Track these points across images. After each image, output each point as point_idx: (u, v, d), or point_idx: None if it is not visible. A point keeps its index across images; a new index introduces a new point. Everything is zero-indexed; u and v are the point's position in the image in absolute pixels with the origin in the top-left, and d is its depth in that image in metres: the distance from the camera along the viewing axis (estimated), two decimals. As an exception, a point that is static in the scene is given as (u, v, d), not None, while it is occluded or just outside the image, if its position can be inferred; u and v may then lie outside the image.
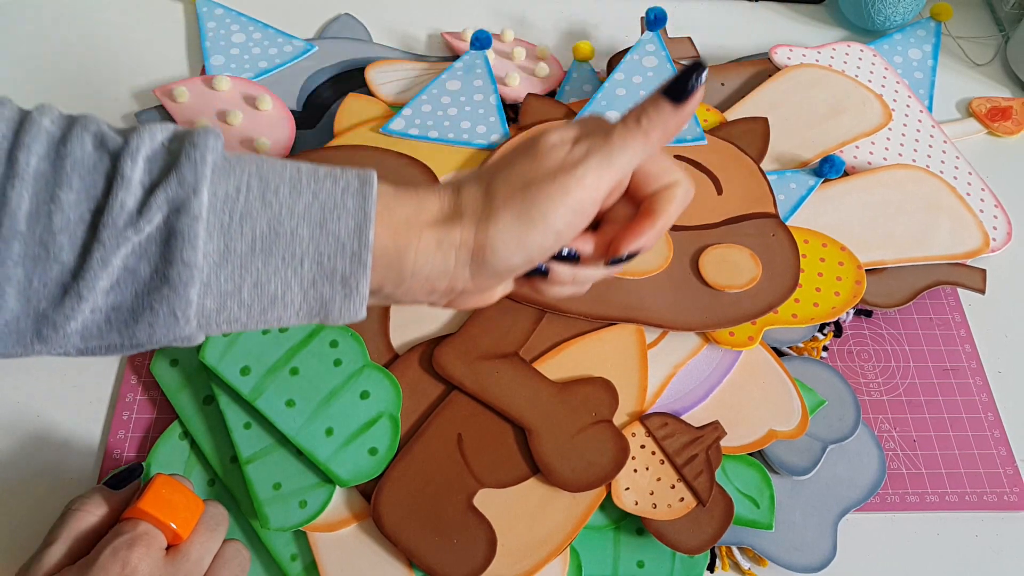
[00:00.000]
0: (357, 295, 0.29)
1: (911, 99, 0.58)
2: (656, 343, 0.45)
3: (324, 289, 0.29)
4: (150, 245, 0.27)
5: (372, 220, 0.29)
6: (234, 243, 0.28)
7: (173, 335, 0.28)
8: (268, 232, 0.28)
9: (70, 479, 0.43)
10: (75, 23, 0.63)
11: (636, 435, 0.42)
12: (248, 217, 0.28)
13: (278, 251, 0.28)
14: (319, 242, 0.28)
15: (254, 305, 0.29)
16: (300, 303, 0.29)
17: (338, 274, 0.29)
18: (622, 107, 0.54)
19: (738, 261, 0.47)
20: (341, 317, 0.30)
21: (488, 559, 0.39)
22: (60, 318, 0.27)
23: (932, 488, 0.43)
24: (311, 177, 0.29)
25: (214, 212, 0.28)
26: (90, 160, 0.28)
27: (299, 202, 0.29)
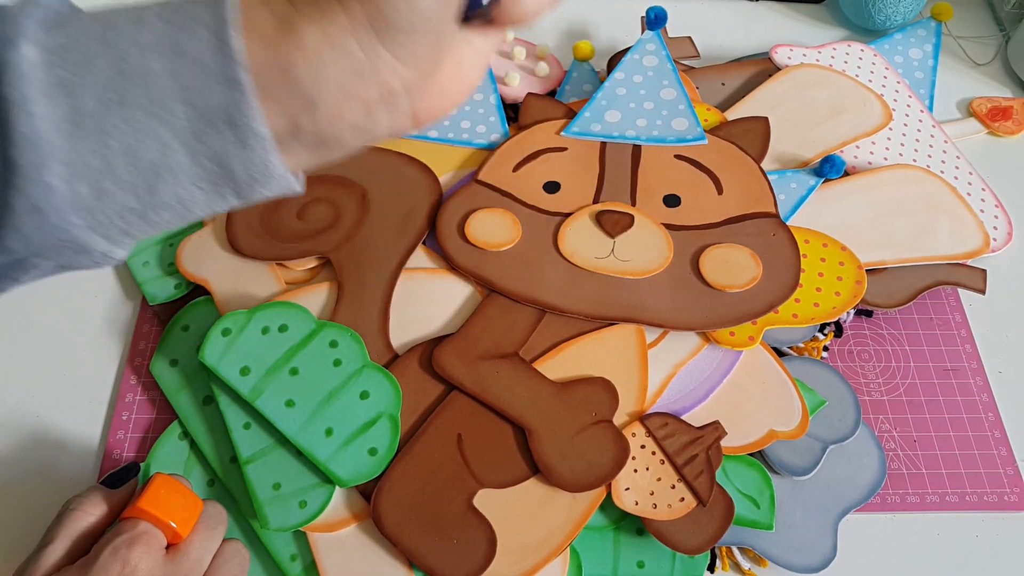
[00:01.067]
0: (252, 136, 0.23)
1: (911, 99, 0.57)
2: (656, 343, 0.45)
3: (211, 138, 0.23)
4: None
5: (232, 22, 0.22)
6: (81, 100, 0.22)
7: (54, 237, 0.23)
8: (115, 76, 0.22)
9: (70, 479, 0.43)
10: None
11: (636, 435, 0.42)
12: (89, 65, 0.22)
13: (135, 99, 0.22)
14: (178, 73, 0.22)
15: (137, 181, 0.23)
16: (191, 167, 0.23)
17: (218, 111, 0.23)
18: (623, 107, 0.54)
19: (738, 261, 0.47)
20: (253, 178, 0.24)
21: (488, 559, 0.39)
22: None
23: (932, 488, 0.43)
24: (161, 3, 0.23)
25: (48, 68, 0.22)
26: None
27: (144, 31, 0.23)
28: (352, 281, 0.47)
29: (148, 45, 0.23)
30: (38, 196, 0.22)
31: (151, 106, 0.23)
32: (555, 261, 0.47)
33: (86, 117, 0.22)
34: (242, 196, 0.25)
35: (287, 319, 0.44)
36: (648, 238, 0.48)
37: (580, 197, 0.50)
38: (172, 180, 0.23)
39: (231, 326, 0.43)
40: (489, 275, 0.47)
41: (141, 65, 0.22)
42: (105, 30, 0.23)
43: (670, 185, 0.50)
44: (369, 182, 0.51)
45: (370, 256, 0.48)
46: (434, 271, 0.48)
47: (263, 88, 0.23)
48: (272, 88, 0.23)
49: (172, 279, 0.48)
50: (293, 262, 0.48)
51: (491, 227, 0.48)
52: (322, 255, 0.48)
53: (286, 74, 0.23)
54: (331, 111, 0.24)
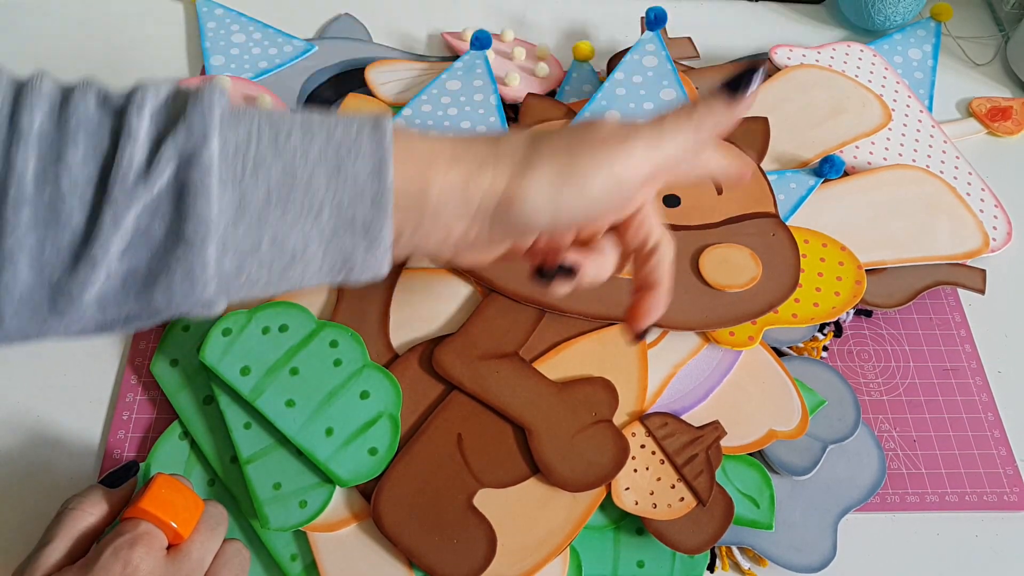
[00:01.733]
0: (380, 244, 0.28)
1: (911, 99, 0.58)
2: (656, 343, 0.45)
3: (345, 240, 0.27)
4: (162, 201, 0.26)
5: (390, 160, 0.27)
6: (249, 194, 0.26)
7: (192, 299, 0.27)
8: (283, 180, 0.26)
9: (70, 479, 0.43)
10: (75, 23, 0.63)
11: (636, 435, 0.42)
12: (262, 165, 0.26)
13: (295, 200, 0.27)
14: (337, 187, 0.27)
15: (274, 263, 0.27)
16: (321, 258, 0.28)
17: (359, 221, 0.27)
18: (622, 107, 0.54)
19: (738, 261, 0.47)
20: (364, 271, 0.28)
21: (488, 559, 0.39)
22: (75, 287, 0.26)
23: (932, 488, 0.43)
24: (323, 121, 0.28)
25: (226, 162, 0.26)
26: (95, 118, 0.26)
27: (312, 146, 0.27)
28: (352, 281, 0.47)
29: (314, 158, 0.27)
30: (194, 265, 0.26)
31: (308, 209, 0.27)
32: (555, 261, 0.47)
33: (250, 208, 0.26)
34: (347, 281, 0.29)
35: (287, 319, 0.44)
36: (648, 238, 0.48)
37: (580, 197, 0.50)
38: (302, 266, 0.28)
39: (231, 326, 0.43)
40: (489, 275, 0.47)
41: (306, 174, 0.27)
42: (277, 134, 0.27)
43: (669, 185, 0.50)
44: (369, 182, 0.51)
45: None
46: (434, 271, 0.48)
47: (397, 204, 0.28)
48: (403, 206, 0.28)
49: (172, 279, 0.48)
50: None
51: (491, 227, 0.48)
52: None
53: (420, 198, 0.28)
54: (428, 232, 0.29)
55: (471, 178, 0.29)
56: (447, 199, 0.28)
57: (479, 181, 0.29)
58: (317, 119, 0.28)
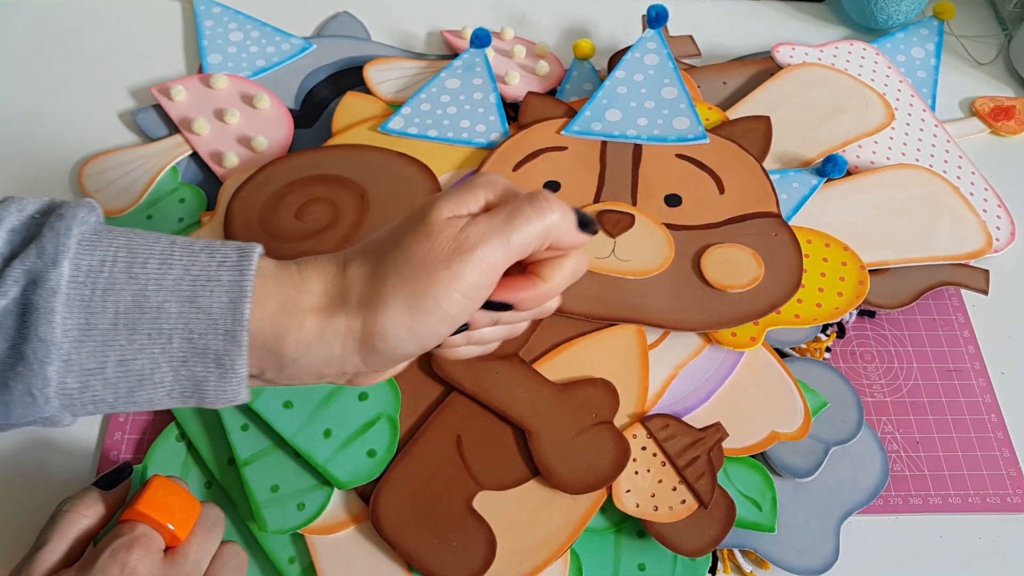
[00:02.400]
0: (233, 375, 0.28)
1: (914, 98, 0.57)
2: (657, 344, 0.45)
3: (196, 368, 0.27)
4: (6, 319, 0.26)
5: (249, 296, 0.27)
6: (96, 318, 0.26)
7: (32, 415, 0.27)
8: (132, 307, 0.27)
9: (66, 481, 0.42)
10: (73, 22, 0.63)
11: (637, 437, 0.42)
12: (111, 291, 0.27)
13: (143, 327, 0.27)
14: (188, 318, 0.27)
15: (120, 384, 0.27)
16: (171, 383, 0.28)
17: (211, 352, 0.27)
18: (623, 106, 0.53)
19: (740, 261, 0.46)
20: (218, 399, 0.28)
21: (488, 562, 0.38)
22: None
23: (935, 490, 0.43)
24: (185, 250, 0.28)
25: (75, 285, 0.26)
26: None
27: (168, 276, 0.27)
28: (351, 281, 0.47)
29: (168, 288, 0.27)
30: (35, 385, 0.26)
31: (155, 334, 0.27)
32: (555, 261, 0.47)
33: (96, 331, 0.26)
34: (203, 406, 0.29)
35: (285, 319, 0.44)
36: (649, 238, 0.47)
37: (580, 196, 0.49)
38: (151, 388, 0.28)
39: (229, 326, 0.43)
40: (489, 275, 0.46)
41: (158, 303, 0.27)
42: (132, 263, 0.27)
43: (671, 185, 0.50)
44: (368, 182, 0.50)
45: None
46: (433, 271, 0.48)
47: (253, 347, 0.28)
48: (259, 350, 0.28)
49: (169, 279, 0.48)
50: (291, 262, 0.48)
51: (491, 227, 0.48)
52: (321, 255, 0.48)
53: (277, 346, 0.28)
54: (296, 374, 0.29)
55: (326, 326, 0.28)
56: (305, 350, 0.28)
57: (335, 327, 0.29)
58: (181, 246, 0.28)
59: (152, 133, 0.56)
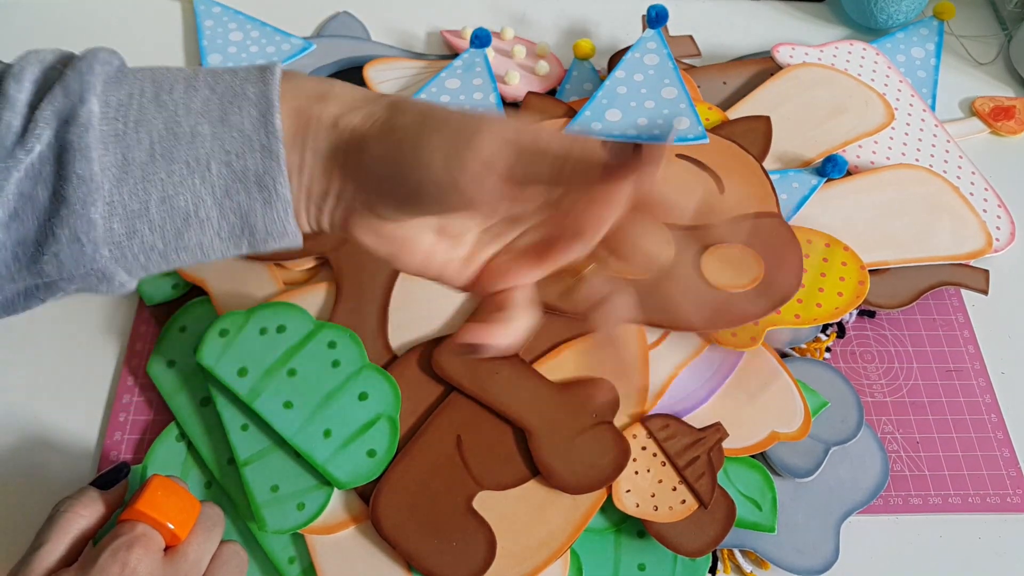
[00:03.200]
0: (278, 199, 0.27)
1: (914, 98, 0.57)
2: (657, 344, 0.45)
3: (240, 197, 0.26)
4: (43, 164, 0.25)
5: (276, 105, 0.26)
6: (132, 152, 0.26)
7: (84, 266, 0.26)
8: (166, 134, 0.26)
9: (66, 481, 0.42)
10: (73, 22, 0.63)
11: (637, 437, 0.42)
12: (143, 122, 0.26)
13: (180, 155, 0.26)
14: (223, 139, 0.26)
15: (166, 226, 0.26)
16: (218, 219, 0.27)
17: (251, 174, 0.26)
18: (623, 105, 0.53)
19: (740, 261, 0.46)
20: (269, 233, 0.27)
21: (488, 562, 0.38)
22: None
23: (935, 490, 0.43)
24: (208, 74, 0.27)
25: (107, 121, 0.26)
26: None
27: (195, 98, 0.26)
28: (350, 281, 0.47)
29: (198, 110, 0.26)
30: (80, 228, 0.25)
31: (193, 163, 0.26)
32: (555, 261, 0.47)
33: (134, 166, 0.26)
34: (255, 247, 0.28)
35: (285, 320, 0.44)
36: (649, 238, 0.47)
37: (580, 197, 0.49)
38: (199, 228, 0.27)
39: (229, 327, 0.43)
40: (489, 275, 0.46)
41: (189, 127, 0.26)
42: (159, 91, 0.26)
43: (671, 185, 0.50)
44: (368, 181, 0.50)
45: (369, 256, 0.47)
46: (433, 271, 0.48)
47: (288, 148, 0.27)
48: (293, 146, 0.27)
49: (169, 280, 0.48)
50: (291, 262, 0.48)
51: (491, 227, 0.48)
52: (320, 255, 0.48)
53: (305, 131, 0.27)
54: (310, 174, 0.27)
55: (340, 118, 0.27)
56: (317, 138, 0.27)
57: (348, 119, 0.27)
58: (205, 71, 0.27)
59: (152, 133, 0.56)
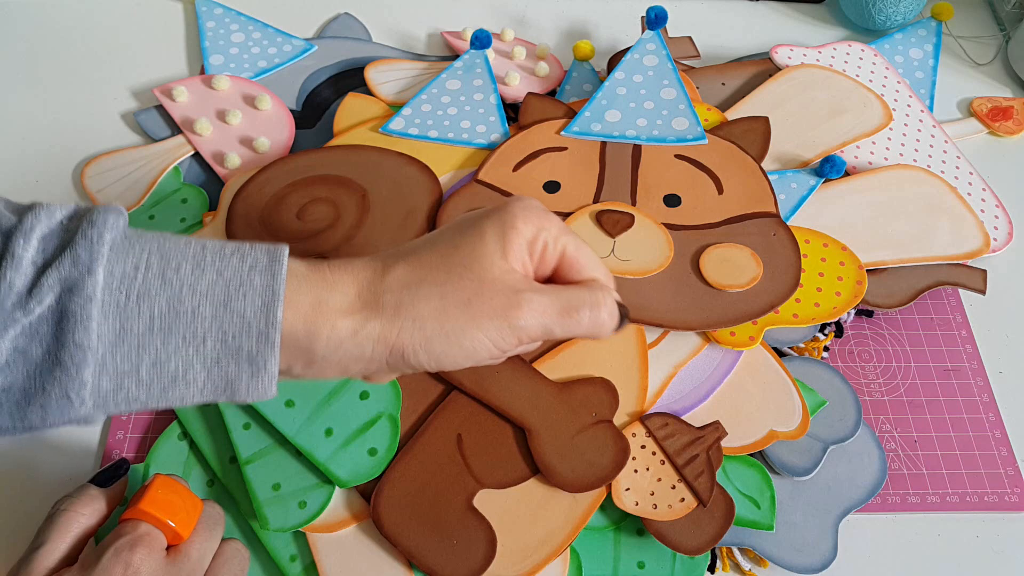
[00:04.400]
0: (265, 374, 0.28)
1: (912, 99, 0.57)
2: (657, 343, 0.45)
3: (230, 368, 0.28)
4: (41, 326, 0.26)
5: (281, 298, 0.28)
6: (131, 323, 0.27)
7: (68, 416, 0.27)
8: (168, 311, 0.27)
9: (68, 479, 0.42)
10: (75, 22, 0.63)
11: (636, 435, 0.42)
12: (146, 296, 0.27)
13: (178, 330, 0.27)
14: (223, 320, 0.27)
15: (153, 384, 0.28)
16: (204, 381, 0.28)
17: (244, 352, 0.28)
18: (623, 106, 0.54)
19: (739, 261, 0.46)
20: (249, 395, 0.29)
21: (488, 560, 0.38)
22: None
23: (933, 489, 0.43)
24: (216, 254, 0.28)
25: (110, 292, 0.27)
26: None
27: (202, 280, 0.28)
28: (352, 281, 0.47)
29: (202, 292, 0.27)
30: (70, 387, 0.26)
31: (190, 337, 0.27)
32: (555, 261, 0.47)
33: (130, 335, 0.27)
34: (233, 401, 0.30)
35: (287, 319, 0.44)
36: (648, 238, 0.47)
37: (580, 197, 0.50)
38: (184, 388, 0.28)
39: (231, 326, 0.43)
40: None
41: (192, 307, 0.27)
42: (166, 268, 0.28)
43: (670, 185, 0.50)
44: (369, 182, 0.51)
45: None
46: (434, 271, 0.48)
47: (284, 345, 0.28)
48: (290, 347, 0.29)
49: (171, 279, 0.48)
50: (293, 262, 0.48)
51: (491, 227, 0.48)
52: (322, 255, 0.48)
53: (307, 343, 0.29)
54: (322, 369, 0.30)
55: (359, 328, 0.29)
56: (336, 348, 0.29)
57: (368, 331, 0.29)
58: (212, 250, 0.28)
59: (154, 134, 0.56)
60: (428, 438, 0.42)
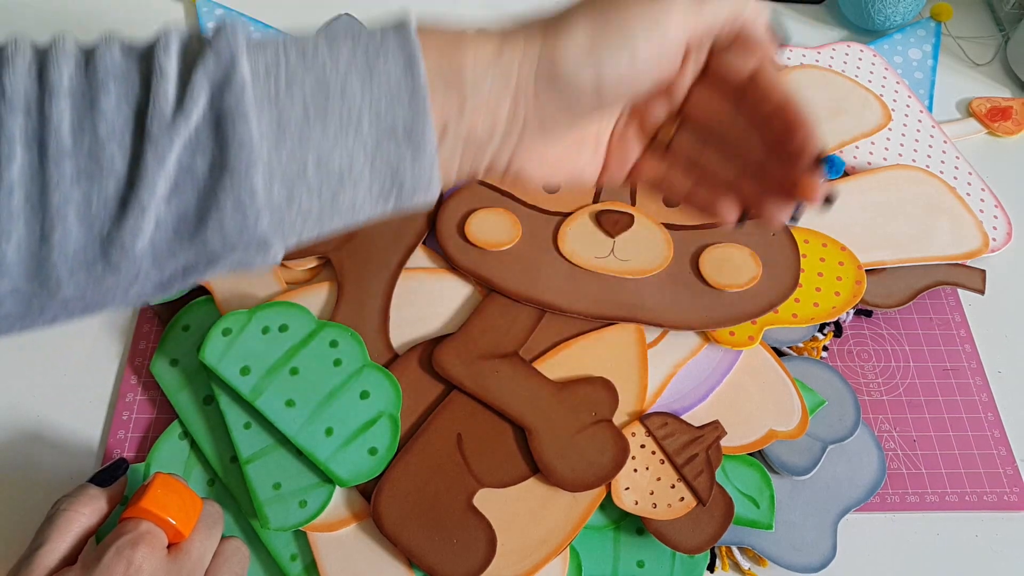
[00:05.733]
0: (425, 149, 0.27)
1: (911, 99, 0.58)
2: (656, 342, 0.45)
3: (390, 150, 0.26)
4: (201, 133, 0.25)
5: (419, 53, 0.26)
6: (286, 112, 0.25)
7: (247, 235, 0.26)
8: (318, 91, 0.26)
9: (69, 479, 0.43)
10: (75, 22, 0.63)
11: (636, 435, 0.42)
12: (294, 81, 0.26)
13: (333, 112, 0.26)
14: (372, 91, 0.26)
15: (323, 187, 0.26)
16: (370, 176, 0.27)
17: (399, 127, 0.26)
18: (622, 107, 0.54)
19: (738, 260, 0.47)
20: (415, 187, 0.27)
21: (488, 559, 0.39)
22: (127, 236, 0.25)
23: (932, 488, 0.43)
24: (347, 30, 0.27)
25: (258, 83, 0.25)
26: (122, 65, 0.26)
27: (340, 54, 0.26)
28: (352, 281, 0.47)
29: (344, 66, 0.26)
30: (244, 195, 0.25)
31: (346, 119, 0.26)
32: (555, 261, 0.47)
33: (290, 127, 0.25)
34: (401, 203, 0.28)
35: (287, 319, 0.44)
36: (648, 238, 0.48)
37: (580, 197, 0.50)
38: (352, 188, 0.27)
39: (231, 326, 0.43)
40: (489, 275, 0.47)
41: (339, 83, 0.26)
42: (303, 51, 0.26)
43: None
44: (369, 182, 0.51)
45: (370, 256, 0.48)
46: (434, 271, 0.48)
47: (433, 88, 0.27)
48: (439, 90, 0.27)
49: (172, 279, 0.48)
50: (293, 262, 0.48)
51: (491, 227, 0.48)
52: (322, 255, 0.48)
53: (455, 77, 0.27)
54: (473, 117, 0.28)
55: (503, 45, 0.28)
56: (483, 72, 0.27)
57: (512, 47, 0.28)
58: (340, 30, 0.27)
59: (155, 134, 0.56)
60: (428, 437, 0.42)
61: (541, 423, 0.42)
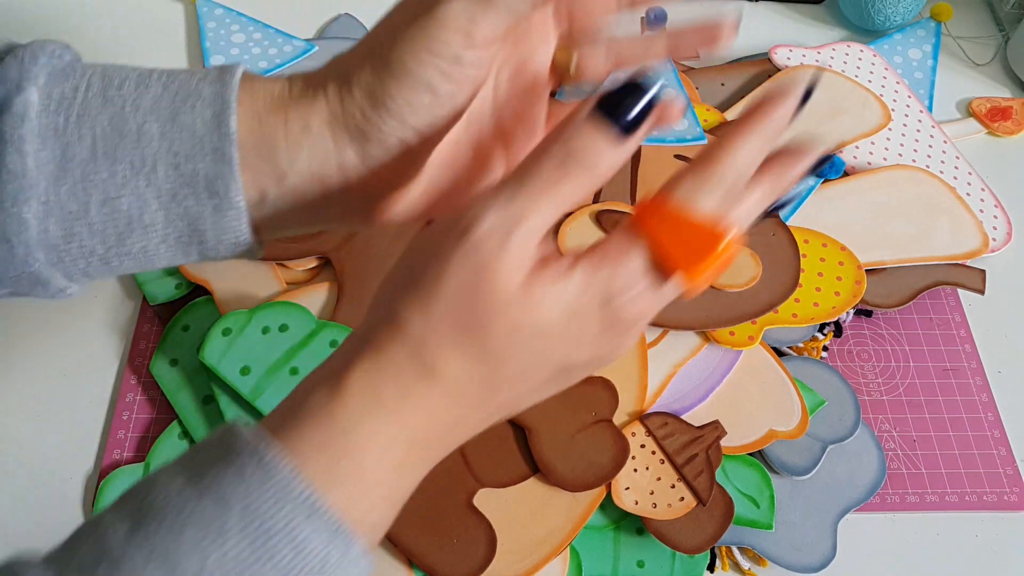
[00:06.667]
0: (230, 206, 0.24)
1: (911, 99, 0.58)
2: (656, 342, 0.45)
3: (188, 202, 0.24)
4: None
5: (233, 108, 0.24)
6: (72, 149, 0.23)
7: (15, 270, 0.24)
8: (110, 131, 0.24)
9: (70, 478, 0.43)
10: (75, 23, 0.63)
11: (636, 434, 0.42)
12: (86, 117, 0.24)
13: (124, 154, 0.24)
14: (171, 139, 0.24)
15: (107, 229, 0.24)
16: (163, 224, 0.24)
17: (200, 179, 0.24)
18: (622, 107, 0.54)
19: (738, 260, 0.47)
20: (219, 241, 0.25)
21: (488, 559, 0.39)
22: None
23: (932, 488, 0.43)
24: (164, 73, 0.25)
25: (46, 114, 0.23)
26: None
27: (146, 95, 0.24)
28: (352, 281, 0.47)
29: (147, 108, 0.24)
30: (9, 228, 0.23)
31: (138, 164, 0.24)
32: (555, 261, 0.47)
33: (74, 164, 0.24)
34: (206, 256, 0.26)
35: (287, 319, 0.44)
36: (648, 238, 0.48)
37: (580, 197, 0.50)
38: (142, 233, 0.25)
39: (231, 326, 0.43)
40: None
41: (137, 125, 0.24)
42: (107, 86, 0.24)
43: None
44: (369, 182, 0.51)
45: (370, 256, 0.48)
46: (434, 271, 0.48)
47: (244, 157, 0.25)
48: (251, 158, 0.25)
49: (172, 279, 0.48)
50: (293, 262, 0.48)
51: (491, 227, 0.48)
52: (322, 255, 0.48)
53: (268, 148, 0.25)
54: (296, 187, 0.26)
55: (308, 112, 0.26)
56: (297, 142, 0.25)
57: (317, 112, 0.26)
58: (163, 71, 0.25)
59: (155, 134, 0.56)
60: (428, 437, 0.42)
61: (541, 423, 0.42)
